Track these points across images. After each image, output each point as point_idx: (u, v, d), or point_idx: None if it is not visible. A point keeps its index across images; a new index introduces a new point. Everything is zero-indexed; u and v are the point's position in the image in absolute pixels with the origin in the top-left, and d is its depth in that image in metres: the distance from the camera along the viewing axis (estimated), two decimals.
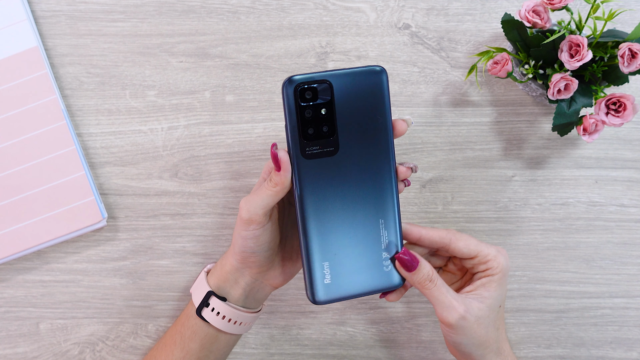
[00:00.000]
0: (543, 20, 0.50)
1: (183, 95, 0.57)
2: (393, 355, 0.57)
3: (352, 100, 0.42)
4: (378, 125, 0.43)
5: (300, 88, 0.41)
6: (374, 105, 0.43)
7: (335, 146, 0.42)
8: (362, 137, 0.43)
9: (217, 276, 0.48)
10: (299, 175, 0.42)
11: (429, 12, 0.57)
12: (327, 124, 0.42)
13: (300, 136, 0.42)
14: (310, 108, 0.42)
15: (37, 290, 0.56)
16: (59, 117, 0.55)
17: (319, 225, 0.43)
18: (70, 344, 0.56)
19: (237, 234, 0.45)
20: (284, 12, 0.57)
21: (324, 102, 0.42)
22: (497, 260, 0.46)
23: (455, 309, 0.43)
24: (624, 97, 0.50)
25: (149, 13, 0.57)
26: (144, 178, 0.56)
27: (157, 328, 0.57)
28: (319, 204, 0.43)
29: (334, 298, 0.44)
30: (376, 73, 0.42)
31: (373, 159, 0.43)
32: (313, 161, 0.42)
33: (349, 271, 0.44)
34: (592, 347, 0.57)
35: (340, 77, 0.42)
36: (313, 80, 0.41)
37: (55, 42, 0.57)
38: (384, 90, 0.42)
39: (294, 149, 0.42)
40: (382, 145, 0.43)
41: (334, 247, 0.44)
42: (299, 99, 0.41)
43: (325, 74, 0.42)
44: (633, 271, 0.57)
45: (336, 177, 0.43)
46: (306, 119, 0.42)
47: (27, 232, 0.54)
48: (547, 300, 0.57)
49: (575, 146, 0.57)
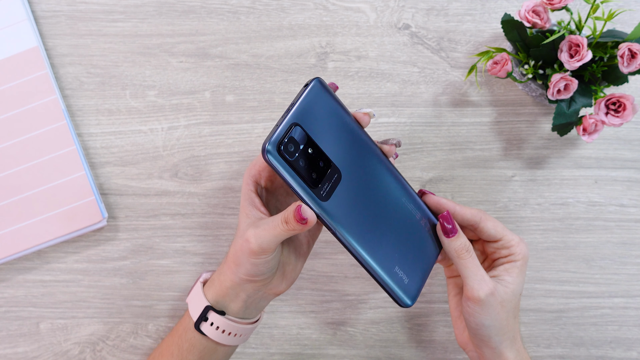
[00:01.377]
0: (543, 20, 0.50)
1: (183, 95, 0.57)
2: (393, 355, 0.57)
3: (319, 123, 0.42)
4: (348, 128, 0.43)
5: (282, 147, 0.40)
6: (334, 113, 0.43)
7: (337, 171, 0.43)
8: (346, 146, 0.43)
9: (216, 291, 0.47)
10: (330, 218, 0.42)
11: (429, 13, 0.57)
12: (321, 159, 0.42)
13: (310, 186, 0.41)
14: (300, 157, 0.41)
15: (37, 290, 0.56)
16: (59, 117, 0.55)
17: (371, 243, 0.44)
18: (71, 344, 0.56)
19: (246, 260, 0.43)
20: (284, 12, 0.57)
21: (306, 143, 0.41)
22: (519, 246, 0.46)
23: (487, 283, 0.44)
24: (623, 97, 0.50)
25: (149, 13, 0.57)
26: (144, 178, 0.57)
27: (157, 328, 0.57)
28: (358, 227, 0.43)
29: (419, 289, 0.46)
30: (315, 87, 0.42)
31: (364, 158, 0.44)
32: (332, 198, 0.42)
33: (414, 259, 0.46)
34: (592, 347, 0.57)
35: (298, 111, 0.41)
36: (285, 131, 0.40)
37: (56, 42, 0.57)
38: (330, 95, 0.42)
39: (312, 202, 0.41)
40: (361, 142, 0.44)
41: (392, 250, 0.45)
42: (287, 157, 0.41)
43: (288, 119, 0.41)
44: (633, 271, 0.57)
45: (355, 195, 0.43)
46: (304, 168, 0.41)
47: (27, 232, 0.54)
48: (547, 300, 0.57)
49: (575, 146, 0.57)
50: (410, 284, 0.45)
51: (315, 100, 0.42)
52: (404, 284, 0.45)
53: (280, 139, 0.40)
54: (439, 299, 0.57)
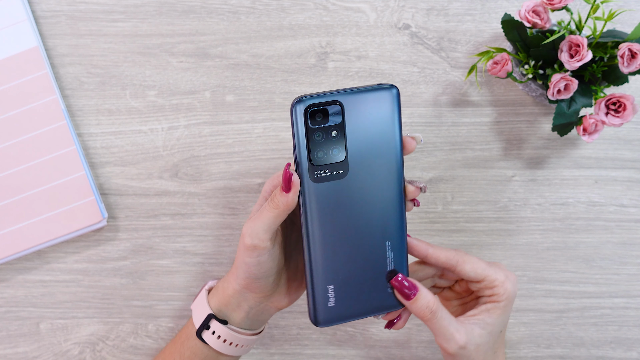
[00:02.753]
0: (543, 20, 0.50)
1: (183, 95, 0.57)
2: (393, 356, 0.57)
3: (364, 121, 0.40)
4: (389, 144, 0.41)
5: (311, 110, 0.39)
6: (385, 125, 0.41)
7: (345, 169, 0.41)
8: (373, 157, 0.41)
9: (219, 299, 0.46)
10: (306, 198, 0.41)
11: (429, 12, 0.57)
12: (338, 147, 0.40)
13: (309, 160, 0.40)
14: (321, 130, 0.40)
15: (37, 290, 0.56)
16: (59, 117, 0.55)
17: (324, 248, 0.42)
18: (71, 344, 0.56)
19: (241, 260, 0.43)
20: (284, 12, 0.57)
21: (335, 125, 0.40)
22: (503, 286, 0.44)
23: (456, 340, 0.43)
24: (623, 97, 0.50)
25: (149, 13, 0.57)
26: (144, 178, 0.57)
27: (157, 328, 0.57)
28: (325, 227, 0.41)
29: (337, 320, 0.43)
30: (388, 92, 0.40)
31: (382, 179, 0.42)
32: (321, 184, 0.41)
33: (354, 294, 0.43)
34: (592, 347, 0.57)
35: (352, 97, 0.40)
36: (324, 101, 0.39)
37: (56, 42, 0.57)
38: (396, 109, 0.41)
39: (302, 172, 0.40)
40: (392, 165, 0.41)
41: (339, 269, 0.42)
42: (309, 121, 0.39)
43: (337, 95, 0.40)
44: (633, 271, 0.57)
45: (344, 199, 0.41)
46: (316, 142, 0.40)
47: (27, 232, 0.54)
48: (547, 300, 0.57)
49: (575, 146, 0.57)
50: (333, 310, 0.43)
51: (376, 101, 0.40)
52: (327, 305, 0.43)
53: (315, 103, 0.39)
54: None
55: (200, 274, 0.57)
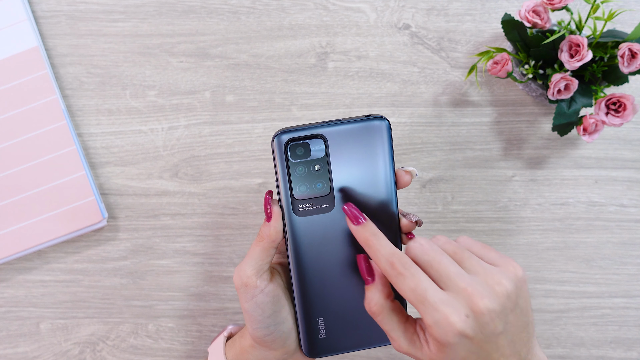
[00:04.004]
0: (543, 20, 0.50)
1: (183, 95, 0.57)
2: (393, 356, 0.57)
3: (351, 154, 0.39)
4: (379, 178, 0.39)
5: (292, 144, 0.38)
6: (375, 158, 0.39)
7: (331, 203, 0.39)
8: (362, 191, 0.40)
9: (235, 353, 0.43)
10: (291, 232, 0.40)
11: (429, 12, 0.57)
12: (322, 181, 0.39)
13: (292, 194, 0.39)
14: (303, 165, 0.38)
15: (37, 290, 0.56)
16: (59, 117, 0.55)
17: (312, 281, 0.41)
18: (71, 344, 0.56)
19: (242, 309, 0.41)
20: (284, 12, 0.57)
21: (317, 159, 0.39)
22: (440, 326, 0.33)
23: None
24: (623, 97, 0.50)
25: (149, 13, 0.57)
26: (144, 178, 0.57)
27: (158, 328, 0.57)
28: (312, 260, 0.40)
29: (329, 353, 0.42)
30: (377, 124, 0.39)
31: (373, 213, 0.40)
32: (306, 218, 0.39)
33: (345, 326, 0.42)
34: (592, 347, 0.57)
35: (337, 130, 0.38)
36: (305, 135, 0.38)
37: (56, 42, 0.57)
38: (387, 141, 0.39)
39: (286, 206, 0.39)
40: (383, 200, 0.40)
41: (330, 302, 0.41)
42: (289, 155, 0.38)
43: (320, 127, 0.38)
44: (633, 271, 0.57)
45: (331, 233, 0.40)
46: (298, 176, 0.39)
47: (27, 232, 0.54)
48: (547, 300, 0.57)
49: (575, 146, 0.57)
50: (324, 342, 0.42)
51: (363, 133, 0.39)
52: (318, 337, 0.42)
53: (295, 137, 0.38)
54: None
55: (200, 274, 0.57)
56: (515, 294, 0.35)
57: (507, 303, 0.34)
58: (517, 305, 0.35)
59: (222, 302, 0.57)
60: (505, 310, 0.34)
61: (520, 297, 0.35)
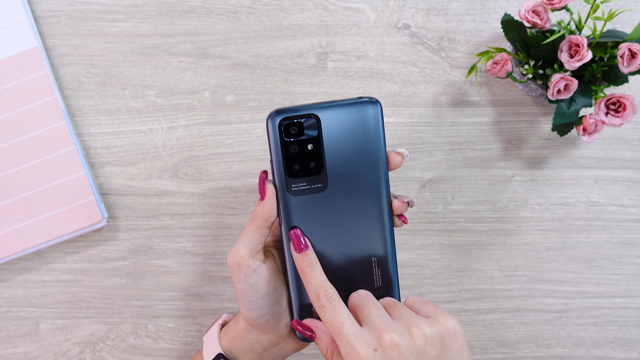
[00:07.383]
0: (543, 20, 0.50)
1: (183, 95, 0.57)
2: None
3: (343, 134, 0.40)
4: (371, 159, 0.40)
5: (285, 123, 0.39)
6: (367, 139, 0.40)
7: (324, 182, 0.40)
8: (354, 171, 0.40)
9: (230, 338, 0.44)
10: (285, 211, 0.40)
11: (428, 12, 0.57)
12: (315, 160, 0.40)
13: (286, 172, 0.40)
14: (296, 144, 0.40)
15: (37, 290, 0.56)
16: (59, 117, 0.55)
17: None
18: (71, 344, 0.56)
19: (236, 290, 0.41)
20: (284, 12, 0.57)
21: (310, 138, 0.40)
22: None
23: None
24: (623, 97, 0.50)
25: (149, 13, 0.57)
26: (144, 178, 0.57)
27: (157, 328, 0.57)
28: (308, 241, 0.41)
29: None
30: (369, 106, 0.40)
31: (366, 194, 0.41)
32: (300, 197, 0.40)
33: None
34: (592, 347, 0.57)
35: (329, 111, 0.40)
36: (299, 115, 0.39)
37: (56, 42, 0.57)
38: (378, 123, 0.40)
39: (280, 185, 0.40)
40: (375, 180, 0.41)
41: None
42: (283, 135, 0.39)
43: (313, 107, 0.39)
44: (633, 271, 0.57)
45: (325, 213, 0.41)
46: (291, 155, 0.40)
47: (27, 232, 0.54)
48: (547, 300, 0.57)
49: (575, 146, 0.57)
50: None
51: (355, 114, 0.40)
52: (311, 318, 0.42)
53: (289, 116, 0.39)
54: (441, 299, 0.57)
55: (200, 274, 0.57)
56: (438, 341, 0.36)
57: (426, 347, 0.36)
58: (443, 354, 0.36)
59: (222, 302, 0.57)
60: (424, 353, 0.35)
61: (449, 348, 0.36)
